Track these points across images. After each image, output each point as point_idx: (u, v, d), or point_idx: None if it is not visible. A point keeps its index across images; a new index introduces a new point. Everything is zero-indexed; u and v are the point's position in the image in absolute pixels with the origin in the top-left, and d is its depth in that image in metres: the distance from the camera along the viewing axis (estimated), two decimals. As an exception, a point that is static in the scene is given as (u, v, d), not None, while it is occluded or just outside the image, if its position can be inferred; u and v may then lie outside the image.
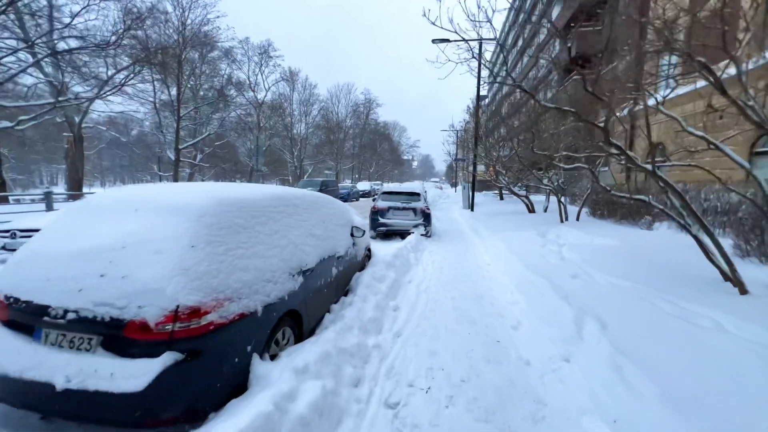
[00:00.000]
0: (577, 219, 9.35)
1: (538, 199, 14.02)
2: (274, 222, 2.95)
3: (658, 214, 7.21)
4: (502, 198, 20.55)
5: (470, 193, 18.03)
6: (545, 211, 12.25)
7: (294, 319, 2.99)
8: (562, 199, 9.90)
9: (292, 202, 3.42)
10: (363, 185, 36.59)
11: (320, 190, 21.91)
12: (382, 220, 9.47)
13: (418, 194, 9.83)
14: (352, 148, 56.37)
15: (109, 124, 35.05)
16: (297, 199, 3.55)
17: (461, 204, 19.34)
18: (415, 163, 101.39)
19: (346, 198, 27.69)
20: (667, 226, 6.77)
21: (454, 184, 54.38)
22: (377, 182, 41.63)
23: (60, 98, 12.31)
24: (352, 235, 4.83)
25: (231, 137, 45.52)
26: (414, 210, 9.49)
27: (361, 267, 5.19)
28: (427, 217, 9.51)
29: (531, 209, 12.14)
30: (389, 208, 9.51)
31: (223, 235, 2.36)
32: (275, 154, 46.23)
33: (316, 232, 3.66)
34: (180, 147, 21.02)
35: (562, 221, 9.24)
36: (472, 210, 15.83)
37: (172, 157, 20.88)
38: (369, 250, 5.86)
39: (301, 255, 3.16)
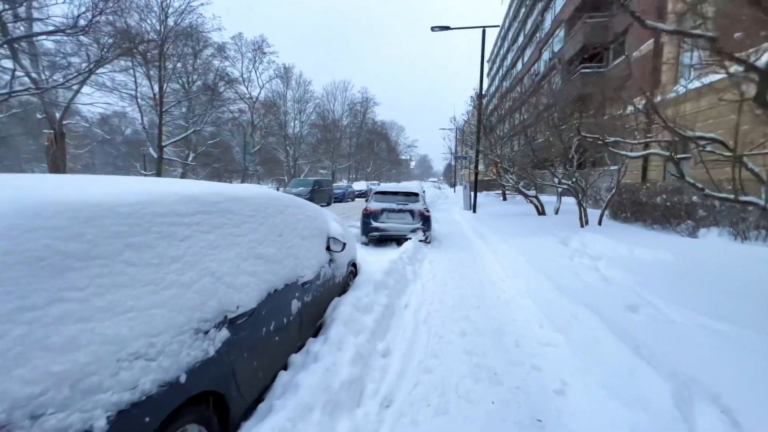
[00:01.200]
0: (600, 223, 8.19)
1: (546, 199, 12.86)
2: (171, 242, 1.74)
3: (702, 218, 6.04)
4: (505, 198, 19.39)
5: (472, 193, 16.87)
6: (556, 213, 11.09)
7: (209, 404, 1.78)
8: (571, 200, 8.74)
9: (221, 207, 2.20)
10: (359, 185, 35.41)
11: (313, 190, 20.69)
12: (374, 224, 8.27)
13: (416, 194, 8.64)
14: (348, 147, 55.20)
15: (102, 123, 33.80)
16: (233, 203, 2.34)
17: (461, 205, 18.18)
18: (413, 163, 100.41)
19: (341, 198, 26.51)
20: (717, 232, 5.61)
21: (453, 184, 53.27)
22: (374, 182, 40.38)
23: (16, 89, 11.02)
24: (328, 249, 3.63)
25: (225, 136, 44.44)
26: (411, 212, 8.30)
27: (343, 289, 3.99)
28: (426, 220, 8.33)
29: (541, 211, 10.98)
30: (383, 210, 8.32)
31: (19, 279, 1.15)
32: (270, 153, 45.05)
33: (265, 251, 2.45)
34: (163, 144, 19.75)
35: (582, 225, 8.07)
36: (475, 211, 14.66)
37: (155, 155, 19.59)
38: (354, 265, 4.66)
39: (225, 293, 1.95)
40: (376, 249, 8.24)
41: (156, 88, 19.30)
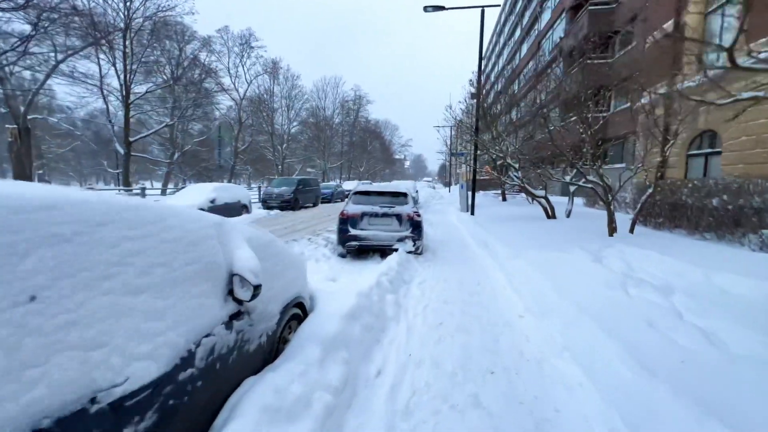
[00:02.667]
0: (632, 231, 6.68)
1: (553, 200, 11.34)
2: None
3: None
4: (504, 199, 17.88)
5: (469, 193, 15.32)
6: (568, 216, 9.58)
7: None
8: (578, 201, 7.24)
9: None
10: (350, 184, 33.77)
11: (297, 190, 18.99)
12: (353, 232, 6.67)
13: (403, 195, 7.05)
14: (341, 145, 53.57)
15: (71, 118, 31.72)
16: None
17: (458, 205, 16.65)
18: (407, 163, 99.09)
19: (329, 198, 24.86)
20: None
21: (447, 184, 51.85)
22: (366, 181, 38.68)
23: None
24: (232, 296, 2.03)
25: (214, 135, 42.46)
26: (398, 217, 6.71)
27: (270, 354, 2.38)
28: (416, 227, 6.75)
29: (551, 214, 9.46)
30: (363, 214, 6.72)
31: None
32: (259, 152, 43.23)
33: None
34: (131, 140, 17.93)
35: (610, 234, 6.55)
36: (473, 213, 13.11)
37: (122, 152, 17.77)
38: (301, 306, 3.03)
39: None
40: (354, 262, 6.65)
41: (127, 77, 17.48)
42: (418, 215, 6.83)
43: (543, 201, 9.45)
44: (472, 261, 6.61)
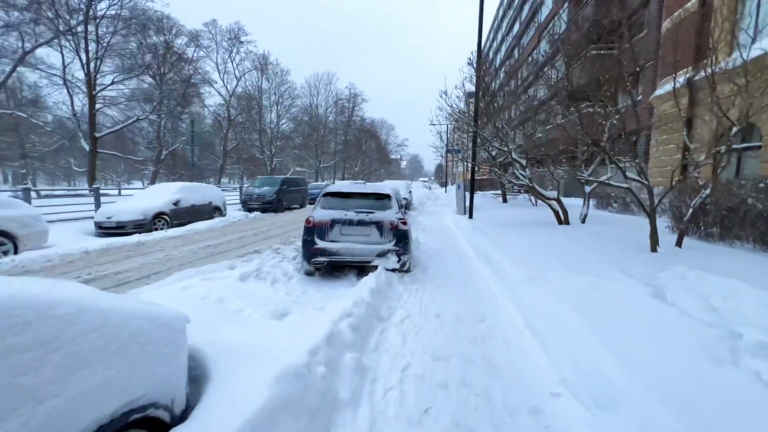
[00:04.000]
0: (679, 244, 5.27)
1: (571, 202, 9.91)
2: None
3: None
4: (505, 200, 16.49)
5: (467, 194, 13.92)
6: (583, 221, 8.18)
7: None
8: (593, 203, 5.83)
9: None
10: (341, 185, 32.12)
11: (280, 191, 17.50)
12: (320, 244, 5.21)
13: (387, 197, 5.58)
14: (334, 144, 52.08)
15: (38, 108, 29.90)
16: None
17: (454, 207, 15.24)
18: (403, 163, 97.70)
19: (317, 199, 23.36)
20: None
21: (444, 184, 50.48)
22: (359, 181, 37.15)
23: None
24: None
25: (206, 133, 40.73)
26: (379, 225, 5.25)
27: None
28: (402, 237, 5.29)
29: (563, 219, 8.05)
30: (334, 222, 5.26)
31: None
32: (250, 151, 41.61)
33: None
34: (97, 135, 16.34)
35: (653, 248, 5.12)
36: (471, 217, 11.71)
37: (87, 148, 16.18)
38: (150, 424, 1.54)
39: None
40: (322, 283, 5.19)
41: (90, 66, 15.88)
42: (405, 223, 5.38)
43: (554, 204, 8.04)
44: (473, 282, 5.17)
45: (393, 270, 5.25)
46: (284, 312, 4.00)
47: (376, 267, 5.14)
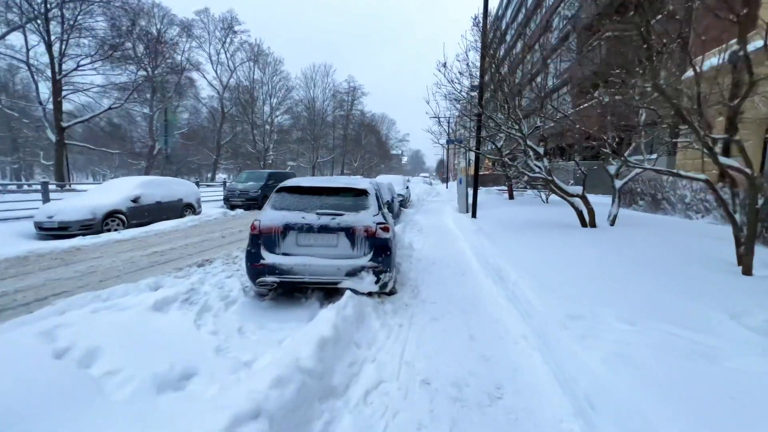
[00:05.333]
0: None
1: (556, 198, 8.29)
2: None
3: None
4: (511, 197, 15.00)
5: (470, 190, 12.44)
6: (612, 223, 6.69)
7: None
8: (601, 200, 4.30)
9: None
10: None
11: (266, 186, 16.04)
12: (269, 259, 3.76)
13: (361, 194, 4.08)
14: (332, 138, 50.57)
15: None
16: None
17: (455, 204, 13.75)
18: (404, 158, 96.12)
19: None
20: None
21: (445, 179, 48.86)
22: (357, 177, 35.68)
23: None
24: None
25: (202, 126, 39.18)
26: (349, 232, 3.78)
27: None
28: (381, 249, 3.82)
29: (588, 221, 6.56)
30: (288, 228, 3.79)
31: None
32: (244, 145, 40.08)
33: None
34: (64, 125, 14.89)
35: (747, 270, 3.59)
36: (474, 216, 10.25)
37: (53, 139, 14.74)
38: None
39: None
40: (273, 312, 3.75)
41: (51, 48, 14.37)
42: (386, 229, 3.91)
43: (577, 202, 6.56)
44: (480, 313, 3.71)
45: (369, 294, 3.81)
46: (187, 373, 2.57)
47: (343, 288, 3.71)
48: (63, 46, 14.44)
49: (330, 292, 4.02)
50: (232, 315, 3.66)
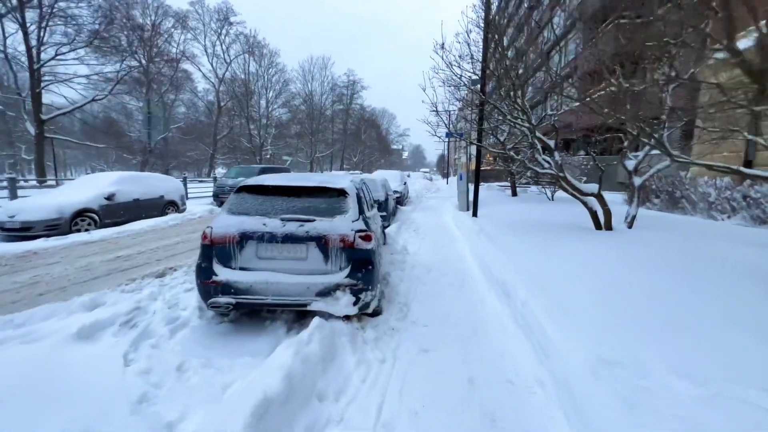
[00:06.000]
0: None
1: (563, 196, 7.44)
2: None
3: None
4: (514, 193, 14.26)
5: (471, 186, 11.71)
6: (630, 226, 5.96)
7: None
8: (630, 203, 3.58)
9: None
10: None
11: (258, 182, 15.42)
12: (223, 275, 3.05)
13: (338, 195, 3.34)
14: (331, 132, 49.75)
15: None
16: None
17: (455, 201, 13.02)
18: (405, 153, 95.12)
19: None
20: None
21: (446, 175, 48.01)
22: (356, 171, 34.67)
23: None
24: None
25: (201, 120, 38.35)
26: (321, 242, 3.06)
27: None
28: (361, 262, 3.10)
29: (603, 223, 5.82)
30: (246, 236, 3.08)
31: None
32: (240, 140, 39.27)
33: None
34: (44, 118, 14.15)
35: None
36: (475, 215, 9.53)
37: (32, 132, 14.00)
38: None
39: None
40: (225, 343, 3.04)
41: (28, 35, 13.58)
42: (368, 237, 3.19)
43: (591, 201, 5.82)
44: (484, 344, 3.01)
45: (346, 318, 3.12)
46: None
47: (312, 310, 3.01)
48: (42, 34, 13.65)
49: (302, 312, 3.32)
50: (176, 345, 2.97)
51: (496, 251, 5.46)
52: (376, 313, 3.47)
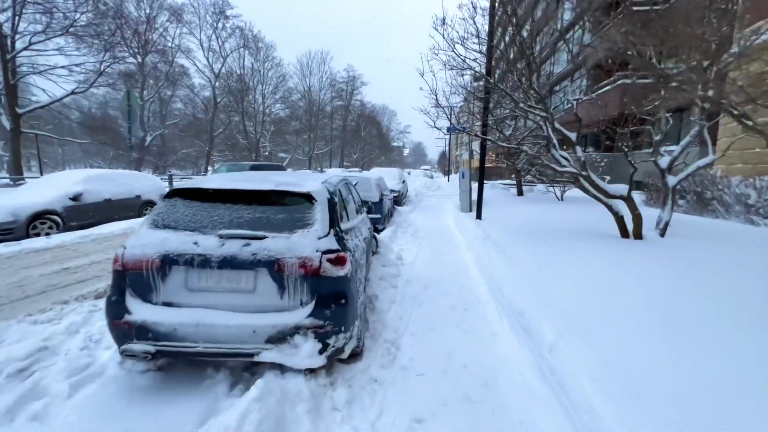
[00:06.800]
0: None
1: (574, 197, 6.49)
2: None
3: None
4: (520, 193, 13.38)
5: (474, 185, 10.84)
6: (662, 234, 5.09)
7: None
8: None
9: None
10: (333, 172, 28.66)
11: (248, 179, 14.60)
12: (139, 314, 2.20)
13: (304, 202, 2.48)
14: (330, 129, 48.88)
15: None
16: None
17: (456, 201, 12.14)
18: (406, 151, 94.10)
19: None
20: None
21: (447, 172, 47.09)
22: (354, 169, 33.58)
23: None
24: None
25: (199, 115, 37.42)
26: (274, 268, 2.20)
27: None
28: (329, 299, 2.26)
29: (634, 230, 4.95)
30: (170, 260, 2.23)
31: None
32: (236, 136, 38.39)
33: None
34: (19, 111, 13.31)
35: None
36: (479, 217, 8.67)
37: (8, 126, 13.16)
38: None
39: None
40: (140, 410, 2.20)
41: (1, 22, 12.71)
42: (339, 260, 2.33)
43: (618, 205, 4.95)
44: (505, 421, 2.15)
45: (310, 371, 2.27)
46: None
47: (259, 360, 2.17)
48: (16, 22, 12.79)
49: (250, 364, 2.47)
50: (70, 414, 2.13)
51: (505, 265, 4.61)
52: (355, 355, 2.63)
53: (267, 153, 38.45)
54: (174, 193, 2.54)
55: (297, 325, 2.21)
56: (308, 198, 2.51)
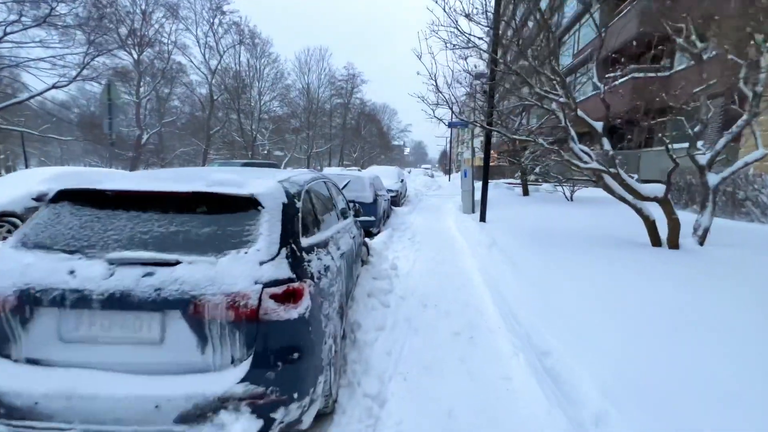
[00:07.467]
0: None
1: (585, 197, 5.70)
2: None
3: None
4: (526, 193, 12.62)
5: (475, 185, 10.09)
6: (701, 242, 4.33)
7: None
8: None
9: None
10: (332, 171, 27.84)
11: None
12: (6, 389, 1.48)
13: (244, 209, 1.74)
14: (329, 127, 48.18)
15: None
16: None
17: (458, 201, 11.36)
18: (407, 150, 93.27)
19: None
20: None
21: (448, 171, 46.22)
22: (353, 168, 32.72)
23: None
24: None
25: (196, 113, 36.67)
26: (192, 311, 1.47)
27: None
28: (277, 354, 1.52)
29: (670, 237, 4.20)
30: (31, 299, 1.49)
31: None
32: (233, 135, 37.64)
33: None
34: (-4, 105, 12.58)
35: None
36: (483, 219, 7.92)
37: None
38: None
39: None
40: None
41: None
42: (291, 296, 1.60)
43: (646, 208, 4.20)
44: None
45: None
46: None
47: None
48: (-8, 12, 12.03)
49: None
50: None
51: (517, 279, 3.86)
52: (323, 415, 1.89)
53: (266, 152, 37.71)
54: (62, 196, 1.80)
55: (224, 395, 1.46)
56: (252, 203, 1.76)
